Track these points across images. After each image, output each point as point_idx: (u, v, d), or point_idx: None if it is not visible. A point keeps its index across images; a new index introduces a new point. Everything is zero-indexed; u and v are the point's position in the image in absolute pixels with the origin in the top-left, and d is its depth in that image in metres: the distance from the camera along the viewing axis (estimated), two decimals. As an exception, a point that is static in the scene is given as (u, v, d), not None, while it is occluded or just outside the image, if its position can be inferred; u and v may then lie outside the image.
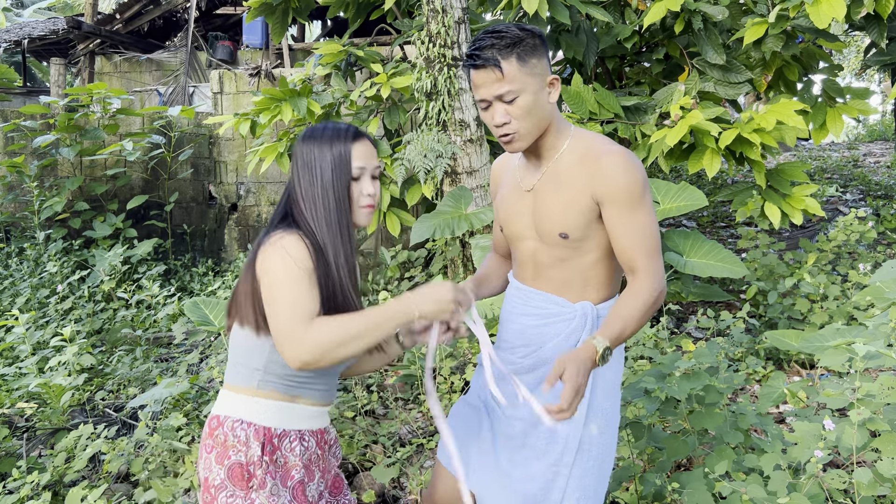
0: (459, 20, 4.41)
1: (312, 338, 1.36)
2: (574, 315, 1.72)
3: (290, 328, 1.38)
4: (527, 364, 1.77)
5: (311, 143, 1.55)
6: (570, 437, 1.70)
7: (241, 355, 1.54)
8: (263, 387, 1.53)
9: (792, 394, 2.63)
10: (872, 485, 1.82)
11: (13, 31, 10.83)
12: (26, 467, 2.93)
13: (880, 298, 2.67)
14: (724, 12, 3.99)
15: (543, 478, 1.70)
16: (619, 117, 4.23)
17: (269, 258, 1.44)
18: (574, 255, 1.70)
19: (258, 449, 1.48)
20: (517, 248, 1.83)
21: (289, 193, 1.58)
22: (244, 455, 1.48)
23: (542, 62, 1.64)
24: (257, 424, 1.50)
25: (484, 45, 1.60)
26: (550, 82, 1.66)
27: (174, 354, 4.72)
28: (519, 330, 1.80)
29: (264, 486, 1.47)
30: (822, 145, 13.67)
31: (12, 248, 6.84)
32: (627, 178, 1.60)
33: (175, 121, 7.52)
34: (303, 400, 1.57)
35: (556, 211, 1.68)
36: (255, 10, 5.63)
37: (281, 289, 1.41)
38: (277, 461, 1.52)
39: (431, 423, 3.39)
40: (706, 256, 3.88)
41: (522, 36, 1.61)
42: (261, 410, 1.52)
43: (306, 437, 1.58)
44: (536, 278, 1.78)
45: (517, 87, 1.60)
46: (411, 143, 4.48)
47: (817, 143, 4.60)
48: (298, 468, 1.54)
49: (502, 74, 1.59)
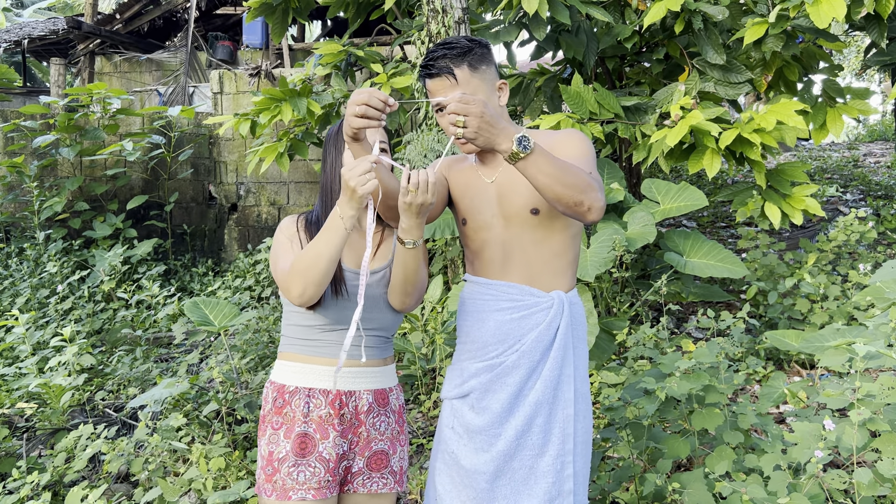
0: (459, 20, 4.41)
1: (290, 273, 1.65)
2: (551, 303, 1.75)
3: (279, 276, 1.71)
4: (510, 362, 1.74)
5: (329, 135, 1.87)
6: (566, 425, 1.73)
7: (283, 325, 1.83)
8: (286, 349, 1.79)
9: (792, 394, 2.63)
10: (872, 485, 1.82)
11: (13, 31, 10.83)
12: (26, 467, 2.93)
13: (880, 298, 2.67)
14: (725, 12, 3.98)
15: (553, 470, 1.71)
16: (619, 117, 4.23)
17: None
18: (545, 235, 1.76)
19: (270, 403, 1.75)
20: (484, 240, 1.82)
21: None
22: (265, 409, 1.77)
23: (491, 69, 1.80)
24: (276, 382, 1.77)
25: (437, 56, 1.74)
26: (499, 87, 1.81)
27: (174, 354, 4.72)
28: (493, 328, 1.78)
29: (264, 433, 1.74)
30: (822, 145, 13.67)
31: (12, 248, 6.84)
32: (581, 142, 1.77)
33: (175, 121, 7.52)
34: (317, 360, 1.75)
35: (522, 189, 1.75)
36: (255, 10, 5.63)
37: (272, 253, 1.79)
38: (287, 415, 1.72)
39: (432, 424, 3.39)
40: (706, 256, 3.88)
41: (471, 46, 1.76)
42: (280, 370, 1.78)
43: (317, 396, 1.73)
44: (505, 270, 1.79)
45: (469, 91, 1.73)
46: (411, 143, 4.48)
47: (817, 144, 4.60)
48: (300, 422, 1.71)
49: (456, 81, 1.73)
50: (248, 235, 7.69)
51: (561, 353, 1.74)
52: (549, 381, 1.73)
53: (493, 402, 1.75)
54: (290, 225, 1.80)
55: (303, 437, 1.69)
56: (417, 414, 3.50)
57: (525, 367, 1.74)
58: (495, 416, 1.74)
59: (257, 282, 6.07)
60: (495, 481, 1.73)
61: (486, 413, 1.75)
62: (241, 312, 3.56)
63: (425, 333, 3.85)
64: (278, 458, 1.68)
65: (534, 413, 1.72)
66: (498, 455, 1.73)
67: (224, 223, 7.74)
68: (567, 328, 1.75)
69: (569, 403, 1.74)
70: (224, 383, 3.42)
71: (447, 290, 4.43)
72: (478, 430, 1.76)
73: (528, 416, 1.72)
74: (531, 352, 1.74)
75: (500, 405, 1.74)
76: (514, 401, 1.74)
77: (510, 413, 1.74)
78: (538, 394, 1.72)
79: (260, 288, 5.98)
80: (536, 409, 1.72)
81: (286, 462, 1.67)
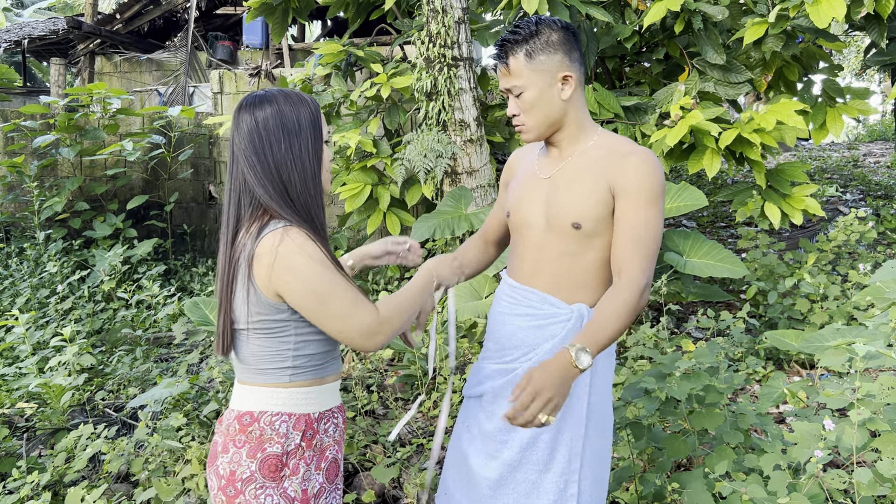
0: (459, 20, 4.41)
1: (383, 324, 1.45)
2: (570, 316, 1.68)
3: (364, 324, 1.42)
4: (521, 370, 1.71)
5: (287, 105, 1.46)
6: (573, 444, 1.67)
7: (262, 361, 1.50)
8: (295, 379, 1.51)
9: (792, 394, 2.63)
10: (872, 485, 1.82)
11: (13, 31, 10.83)
12: (26, 467, 2.93)
13: (880, 298, 2.67)
14: (724, 12, 3.98)
15: (556, 488, 1.67)
16: (619, 117, 4.23)
17: (288, 267, 1.38)
18: (581, 250, 1.67)
19: (297, 437, 1.48)
20: (521, 238, 1.78)
21: (239, 175, 1.46)
22: (281, 447, 1.47)
23: (554, 58, 1.64)
24: (297, 414, 1.50)
25: (502, 40, 1.66)
26: (563, 78, 1.65)
27: (174, 354, 4.72)
28: (511, 332, 1.76)
29: (297, 472, 1.48)
30: (822, 145, 13.66)
31: (12, 248, 6.83)
32: (650, 176, 1.60)
33: (175, 121, 7.52)
34: (329, 378, 1.57)
35: (571, 199, 1.66)
36: (255, 10, 5.63)
37: (329, 297, 1.40)
38: (316, 445, 1.53)
39: (431, 424, 3.39)
40: (706, 256, 3.88)
41: (536, 31, 1.63)
42: (298, 400, 1.51)
43: (336, 413, 1.59)
44: (534, 274, 1.73)
45: (522, 82, 1.65)
46: (411, 143, 4.48)
47: (817, 143, 4.60)
48: (332, 447, 1.57)
49: (509, 70, 1.65)
50: (248, 235, 7.69)
51: None
52: None
53: (501, 409, 1.71)
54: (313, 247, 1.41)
55: (334, 463, 1.58)
56: (417, 414, 3.50)
57: None
58: (503, 423, 1.70)
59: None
60: (498, 489, 1.71)
61: (494, 418, 1.73)
62: (241, 312, 3.55)
63: (425, 333, 3.84)
64: (314, 495, 1.51)
65: (541, 428, 1.66)
66: (503, 464, 1.70)
67: (224, 223, 7.74)
68: None
69: (579, 422, 1.67)
70: (224, 383, 3.42)
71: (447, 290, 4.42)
72: (488, 435, 1.74)
73: (534, 431, 1.67)
74: None
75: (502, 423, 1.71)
76: None
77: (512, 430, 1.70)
78: None
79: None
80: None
81: (321, 496, 1.54)
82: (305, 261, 1.38)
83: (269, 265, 1.38)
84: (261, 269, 1.39)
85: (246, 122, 1.45)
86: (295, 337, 1.48)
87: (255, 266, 1.40)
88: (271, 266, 1.38)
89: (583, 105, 1.73)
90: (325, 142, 1.52)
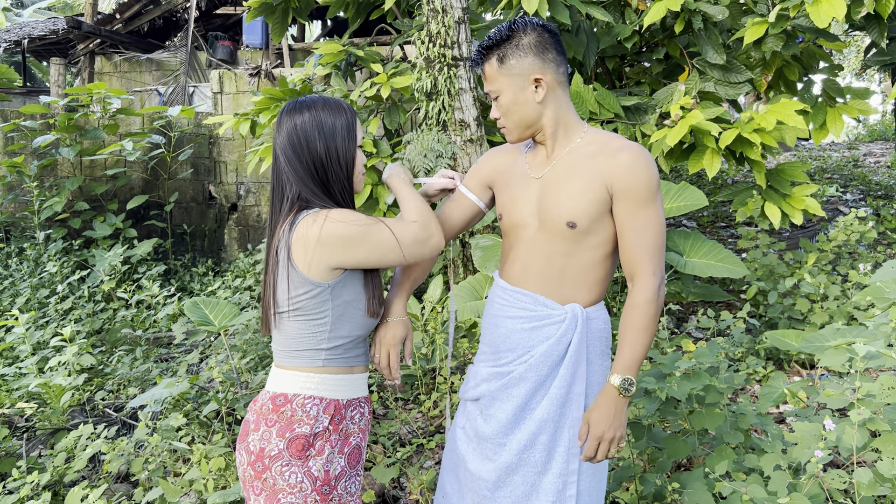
0: (459, 20, 4.41)
1: (424, 224, 1.62)
2: (563, 317, 1.68)
3: (413, 234, 1.60)
4: (517, 373, 1.70)
5: (325, 110, 1.63)
6: (571, 446, 1.67)
7: (300, 343, 1.63)
8: (329, 364, 1.64)
9: (792, 394, 2.63)
10: (872, 485, 1.82)
11: (13, 31, 10.83)
12: (26, 467, 2.93)
13: (880, 298, 2.67)
14: (724, 12, 3.98)
15: (554, 489, 1.67)
16: (619, 117, 4.23)
17: (333, 234, 1.54)
18: (575, 249, 1.66)
19: (326, 420, 1.61)
20: (513, 239, 1.77)
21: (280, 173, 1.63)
22: (310, 428, 1.59)
23: (524, 62, 1.64)
24: (328, 398, 1.63)
25: (479, 46, 1.70)
26: (535, 81, 1.65)
27: (174, 354, 4.72)
28: (504, 334, 1.75)
29: (322, 453, 1.60)
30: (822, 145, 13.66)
31: (12, 248, 6.83)
32: (645, 173, 1.61)
33: (175, 121, 7.52)
34: (357, 368, 1.70)
35: (565, 198, 1.65)
36: (255, 10, 5.63)
37: (375, 231, 1.57)
38: (342, 430, 1.65)
39: (432, 424, 3.39)
40: (706, 256, 3.88)
41: (508, 36, 1.65)
42: (330, 385, 1.64)
43: (362, 403, 1.71)
44: (525, 275, 1.73)
45: (496, 87, 1.68)
46: (411, 143, 4.48)
47: (817, 143, 4.60)
48: (356, 434, 1.69)
49: (485, 75, 1.70)
50: (247, 235, 7.69)
51: (571, 370, 1.67)
52: (557, 398, 1.67)
53: (498, 412, 1.72)
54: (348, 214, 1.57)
55: (356, 449, 1.69)
56: (417, 414, 3.50)
57: (532, 380, 1.69)
58: (501, 426, 1.71)
59: (257, 281, 6.06)
60: (497, 491, 1.71)
61: (492, 421, 1.73)
62: (241, 312, 3.56)
63: (425, 333, 3.84)
64: (335, 476, 1.62)
65: (538, 430, 1.67)
66: (501, 466, 1.70)
67: (224, 223, 7.74)
68: (581, 344, 1.67)
69: (577, 423, 1.67)
70: (224, 383, 3.42)
71: (447, 290, 4.42)
72: (485, 437, 1.74)
73: (532, 433, 1.67)
74: (539, 365, 1.68)
75: (505, 416, 1.71)
76: (520, 413, 1.70)
77: (515, 425, 1.70)
78: (544, 411, 1.67)
79: (260, 288, 5.98)
80: (541, 427, 1.67)
81: (342, 478, 1.64)
82: (349, 219, 1.56)
83: (315, 240, 1.53)
84: (299, 252, 1.55)
85: (286, 125, 1.62)
86: (331, 317, 1.60)
87: (293, 250, 1.56)
88: (318, 241, 1.53)
89: (565, 104, 1.71)
90: (359, 146, 1.66)
